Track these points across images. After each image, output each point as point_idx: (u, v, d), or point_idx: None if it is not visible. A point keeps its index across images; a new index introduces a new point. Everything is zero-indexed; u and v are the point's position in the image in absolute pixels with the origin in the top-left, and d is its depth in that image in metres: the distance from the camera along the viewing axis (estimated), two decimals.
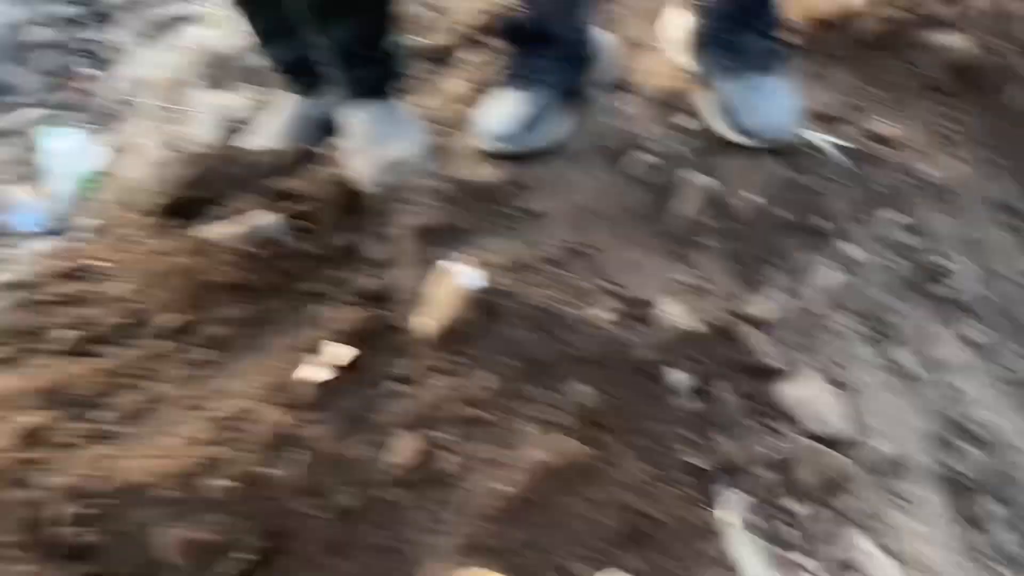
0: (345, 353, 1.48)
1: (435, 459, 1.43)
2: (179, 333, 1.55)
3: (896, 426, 1.68)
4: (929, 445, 1.70)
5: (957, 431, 1.75)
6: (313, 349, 1.50)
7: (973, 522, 1.67)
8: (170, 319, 1.55)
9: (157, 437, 1.44)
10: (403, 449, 1.40)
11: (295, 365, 1.48)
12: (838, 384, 1.67)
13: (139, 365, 1.51)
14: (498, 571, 1.33)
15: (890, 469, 1.61)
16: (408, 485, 1.44)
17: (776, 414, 1.58)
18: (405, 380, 1.50)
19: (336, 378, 1.48)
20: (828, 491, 1.57)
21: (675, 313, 1.54)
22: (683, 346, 1.54)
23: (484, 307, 1.47)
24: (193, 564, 1.31)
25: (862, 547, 1.48)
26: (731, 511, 1.33)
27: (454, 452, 1.41)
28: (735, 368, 1.59)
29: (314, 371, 1.46)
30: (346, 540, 1.41)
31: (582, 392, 1.44)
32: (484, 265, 1.49)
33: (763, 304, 1.63)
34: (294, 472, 1.36)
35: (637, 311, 1.56)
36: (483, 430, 1.45)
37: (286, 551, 1.39)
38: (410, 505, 1.43)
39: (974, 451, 1.72)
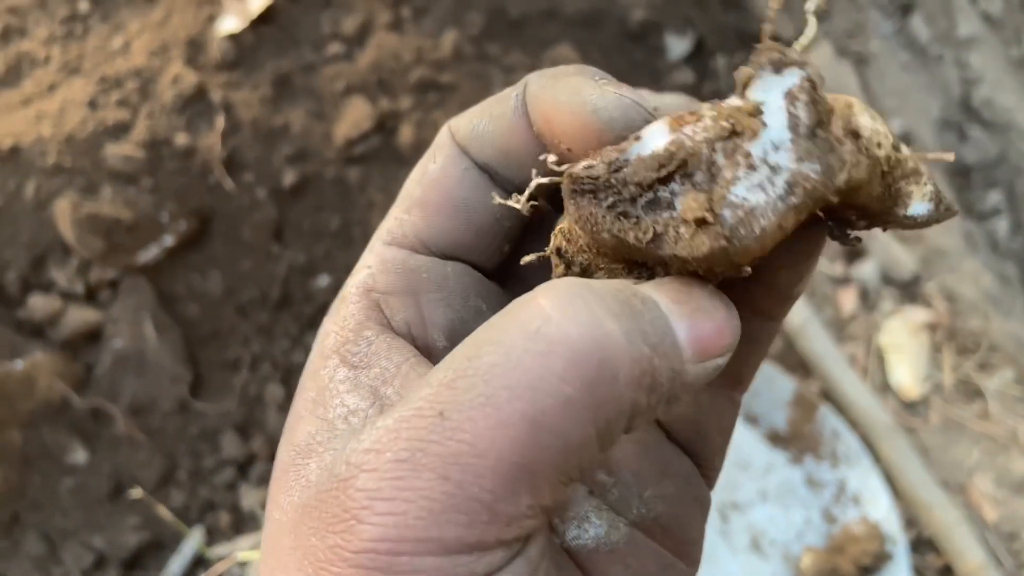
0: (257, 1, 1.23)
1: (388, 131, 1.21)
2: None
3: (908, 104, 1.65)
4: (937, 126, 1.68)
5: (965, 112, 1.75)
6: None
7: (969, 207, 1.75)
8: None
9: (34, 101, 1.25)
10: (348, 118, 1.17)
11: (195, 18, 1.24)
12: (851, 56, 1.58)
13: None
14: None
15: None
16: (357, 160, 1.28)
17: None
18: (342, 38, 1.28)
19: (254, 33, 1.24)
20: None
21: None
22: (679, 6, 1.34)
23: None
24: (103, 244, 1.13)
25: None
26: None
27: (409, 123, 1.21)
28: (737, 36, 1.45)
29: (222, 24, 1.21)
30: (285, 222, 1.27)
31: (564, 57, 1.25)
32: None
33: None
34: (215, 142, 1.16)
35: None
36: (445, 97, 1.26)
37: (213, 233, 1.24)
38: (361, 183, 1.28)
39: (978, 133, 1.75)
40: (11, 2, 1.45)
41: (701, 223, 0.24)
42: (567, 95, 0.27)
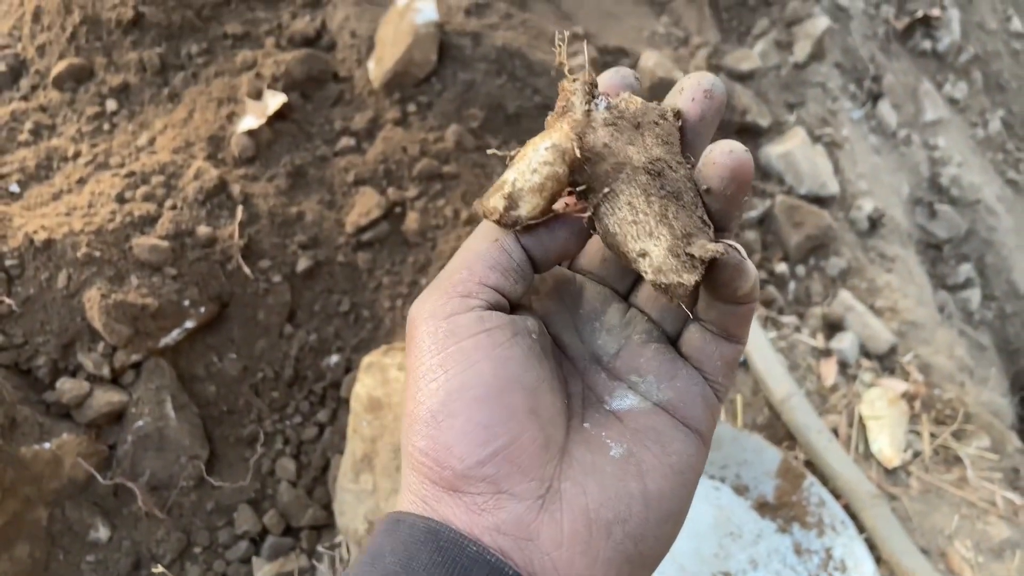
0: (273, 100, 1.28)
1: (395, 217, 1.28)
2: (71, 80, 1.36)
3: (880, 185, 1.72)
4: (908, 204, 1.75)
5: (935, 190, 1.84)
6: (235, 98, 1.31)
7: (942, 280, 1.82)
8: (60, 64, 1.32)
9: (64, 195, 1.31)
10: (357, 207, 1.25)
11: (215, 116, 1.31)
12: (824, 142, 1.66)
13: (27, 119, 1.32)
14: None
15: (872, 228, 1.66)
16: (366, 245, 1.36)
17: (760, 174, 1.56)
18: (352, 132, 1.35)
19: (271, 129, 1.30)
20: (814, 251, 1.59)
21: (652, 63, 1.38)
22: (665, 97, 1.42)
23: (439, 47, 1.27)
24: (130, 330, 1.19)
25: (847, 303, 1.58)
26: None
27: (415, 210, 1.29)
28: (719, 126, 1.53)
29: (241, 121, 1.27)
30: (298, 304, 1.34)
31: None
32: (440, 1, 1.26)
33: (747, 56, 1.55)
34: (234, 232, 1.24)
35: (611, 60, 1.46)
36: (448, 185, 1.33)
37: (230, 316, 1.32)
38: (369, 267, 1.36)
39: (948, 209, 1.83)
40: (42, 101, 1.55)
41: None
42: None
